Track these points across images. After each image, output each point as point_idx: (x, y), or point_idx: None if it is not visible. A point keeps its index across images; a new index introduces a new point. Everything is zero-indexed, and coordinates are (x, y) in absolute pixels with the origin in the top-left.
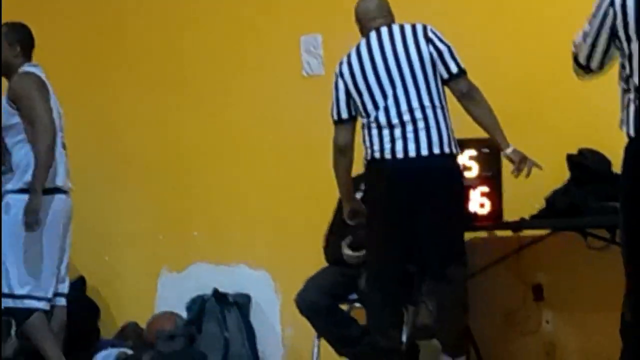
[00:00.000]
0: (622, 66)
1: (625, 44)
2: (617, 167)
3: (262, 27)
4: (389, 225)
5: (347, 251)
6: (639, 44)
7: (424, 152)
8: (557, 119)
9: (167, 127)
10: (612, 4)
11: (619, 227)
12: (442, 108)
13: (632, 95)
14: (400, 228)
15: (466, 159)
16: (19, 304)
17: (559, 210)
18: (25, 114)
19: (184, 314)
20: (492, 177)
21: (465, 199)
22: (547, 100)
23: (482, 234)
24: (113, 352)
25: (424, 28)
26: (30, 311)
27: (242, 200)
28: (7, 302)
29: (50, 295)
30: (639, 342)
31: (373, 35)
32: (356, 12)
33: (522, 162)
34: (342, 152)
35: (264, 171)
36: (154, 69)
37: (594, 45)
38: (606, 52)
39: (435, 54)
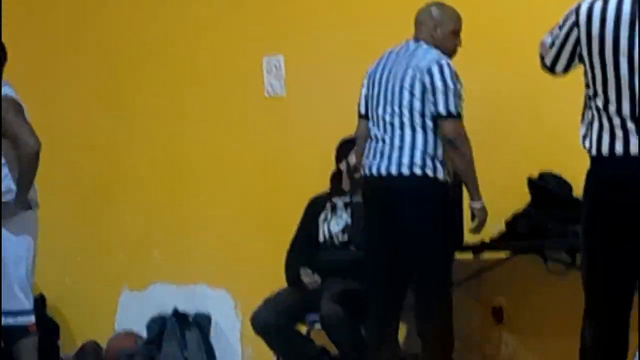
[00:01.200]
0: (587, 85)
1: (588, 67)
2: (577, 191)
3: (224, 48)
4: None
5: (305, 277)
6: (601, 72)
7: (393, 171)
8: (518, 142)
9: (127, 148)
10: (577, 24)
11: (580, 251)
12: (425, 133)
13: (595, 114)
14: (382, 248)
15: None
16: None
17: (520, 233)
18: (8, 138)
19: (144, 334)
20: (453, 200)
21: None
22: (509, 123)
23: None
24: None
25: (437, 60)
26: (24, 329)
27: (203, 220)
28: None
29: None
30: (596, 355)
31: (399, 45)
32: None
33: (482, 224)
34: (357, 142)
35: (225, 191)
36: (118, 90)
37: (558, 54)
38: (570, 61)
39: (429, 89)
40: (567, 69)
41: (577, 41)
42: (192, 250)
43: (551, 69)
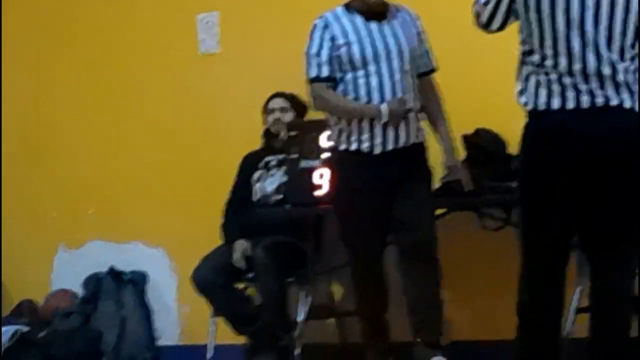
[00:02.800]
0: (523, 41)
1: (524, 23)
2: (512, 148)
3: (158, 4)
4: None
5: (236, 254)
6: (538, 27)
7: None
8: (453, 98)
9: (61, 105)
10: None
11: (517, 206)
12: None
13: (532, 69)
14: None
15: None
16: None
17: (455, 190)
18: None
19: (80, 292)
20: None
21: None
22: (443, 80)
23: None
24: (9, 329)
25: None
26: None
27: (139, 178)
28: None
29: None
30: (534, 320)
31: None
32: None
33: None
34: None
35: (160, 148)
36: (44, 47)
37: (494, 10)
38: (506, 18)
39: None
40: (503, 26)
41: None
42: (128, 208)
43: (487, 27)
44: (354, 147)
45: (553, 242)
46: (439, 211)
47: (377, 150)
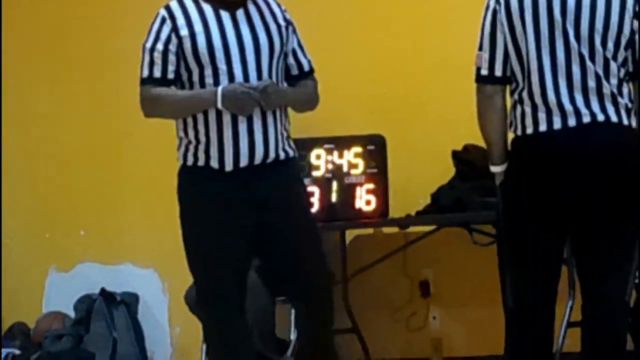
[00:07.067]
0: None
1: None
2: None
3: None
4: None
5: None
6: (516, 55)
7: None
8: (443, 114)
9: (53, 123)
10: (496, 10)
11: (499, 215)
12: None
13: (517, 98)
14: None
15: (351, 156)
16: None
17: (445, 206)
18: None
19: (71, 314)
20: (377, 174)
21: None
22: (433, 96)
23: (368, 230)
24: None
25: None
26: None
27: (130, 199)
28: None
29: None
30: (521, 326)
31: None
32: None
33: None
34: None
35: (151, 169)
36: (43, 65)
37: (493, 52)
38: (506, 56)
39: None
40: (508, 66)
41: (501, 26)
42: (119, 230)
43: (491, 75)
44: (201, 162)
45: (543, 256)
46: (428, 228)
47: (229, 167)
